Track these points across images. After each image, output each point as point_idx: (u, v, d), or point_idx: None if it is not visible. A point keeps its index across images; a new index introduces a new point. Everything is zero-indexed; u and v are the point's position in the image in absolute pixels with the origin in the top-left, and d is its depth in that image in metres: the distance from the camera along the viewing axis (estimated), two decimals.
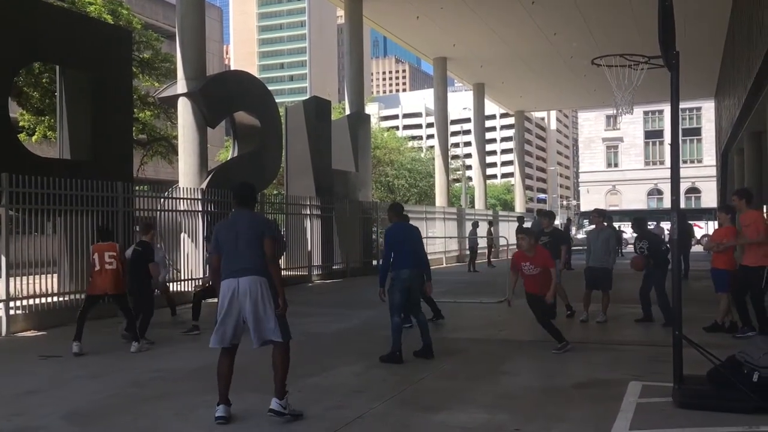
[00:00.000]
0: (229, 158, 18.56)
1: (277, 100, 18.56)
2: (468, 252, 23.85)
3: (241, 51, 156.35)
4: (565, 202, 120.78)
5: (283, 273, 16.89)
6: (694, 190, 62.88)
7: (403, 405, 5.65)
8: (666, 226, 25.30)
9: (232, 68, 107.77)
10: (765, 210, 17.75)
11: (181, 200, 13.69)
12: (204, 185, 14.55)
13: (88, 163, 11.87)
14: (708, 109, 55.64)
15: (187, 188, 14.12)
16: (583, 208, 60.27)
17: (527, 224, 23.20)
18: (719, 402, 5.26)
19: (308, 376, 6.65)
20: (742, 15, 19.88)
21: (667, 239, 14.84)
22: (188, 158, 15.38)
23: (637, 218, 10.47)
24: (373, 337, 8.89)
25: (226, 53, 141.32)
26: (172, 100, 16.08)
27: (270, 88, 18.73)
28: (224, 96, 15.88)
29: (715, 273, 8.98)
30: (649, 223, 15.10)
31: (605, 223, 10.92)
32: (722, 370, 5.43)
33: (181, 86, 15.40)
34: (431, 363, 7.23)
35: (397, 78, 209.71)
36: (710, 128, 53.98)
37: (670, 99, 5.80)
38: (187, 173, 15.29)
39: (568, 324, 10.13)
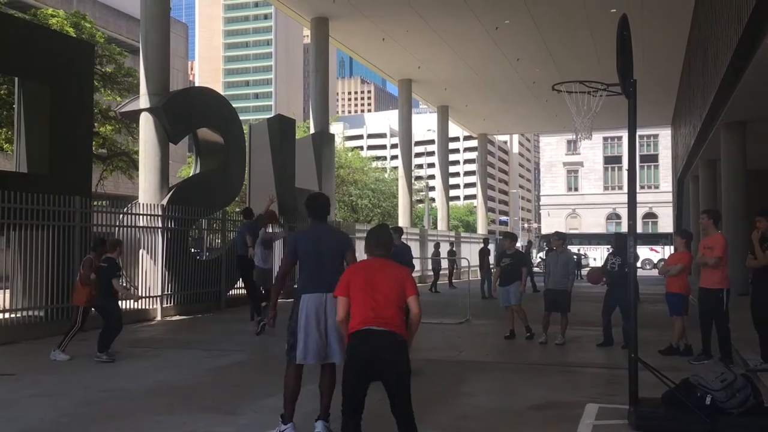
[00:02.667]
0: (191, 175, 18.36)
1: (241, 118, 18.49)
2: (431, 273, 23.89)
3: (206, 67, 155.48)
4: (526, 225, 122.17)
5: (245, 291, 16.79)
6: (651, 215, 64.27)
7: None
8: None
9: (197, 84, 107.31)
10: None
11: (141, 216, 13.50)
12: (165, 201, 14.37)
13: (45, 176, 11.63)
14: (665, 136, 57.18)
15: (147, 204, 13.93)
16: (544, 231, 61.02)
17: (491, 246, 23.35)
18: (673, 425, 5.34)
19: (266, 397, 6.57)
20: (698, 47, 20.52)
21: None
22: (149, 174, 15.19)
23: (619, 234, 10.67)
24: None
25: (191, 69, 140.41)
26: (134, 115, 15.88)
27: (235, 105, 18.65)
28: (188, 112, 15.75)
29: (669, 297, 9.17)
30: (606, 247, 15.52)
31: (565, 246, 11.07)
32: (676, 393, 5.52)
33: (143, 101, 15.23)
34: None
35: (362, 98, 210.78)
36: (667, 155, 55.40)
37: (628, 126, 5.94)
38: (147, 189, 15.08)
39: (527, 346, 10.22)
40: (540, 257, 28.52)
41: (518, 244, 12.02)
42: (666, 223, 57.94)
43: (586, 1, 20.01)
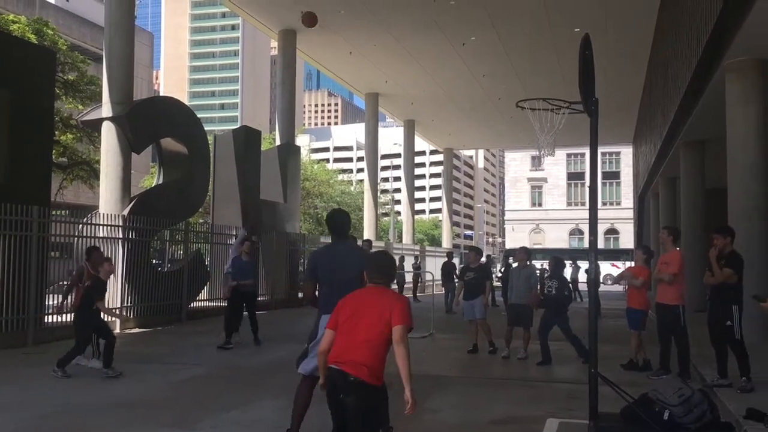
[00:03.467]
0: (153, 185, 18.13)
1: (207, 128, 18.33)
2: (395, 286, 23.87)
3: (171, 77, 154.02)
4: (491, 239, 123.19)
5: (209, 304, 16.60)
6: (612, 231, 65.30)
7: None
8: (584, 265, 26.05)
9: (162, 94, 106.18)
10: None
11: (101, 227, 13.24)
12: (126, 212, 14.14)
13: (2, 185, 11.35)
14: (627, 153, 58.21)
15: (107, 214, 13.68)
16: (508, 246, 61.57)
17: (455, 260, 23.48)
18: None
19: (226, 410, 6.48)
20: (659, 67, 21.01)
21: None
22: (110, 183, 14.94)
23: (556, 257, 10.75)
24: None
25: (156, 79, 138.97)
26: (96, 124, 15.64)
27: (200, 115, 18.50)
28: (151, 122, 15.56)
29: (630, 312, 9.33)
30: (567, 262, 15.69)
31: (528, 261, 11.16)
32: (635, 408, 5.58)
33: (106, 110, 15.01)
34: None
35: (329, 111, 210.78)
36: (629, 172, 56.38)
37: (590, 143, 6.03)
38: (108, 199, 14.83)
39: (489, 360, 10.26)
40: (499, 272, 28.82)
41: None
42: (627, 239, 58.88)
43: (551, 21, 20.37)
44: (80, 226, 13.15)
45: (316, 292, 5.34)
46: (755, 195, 11.21)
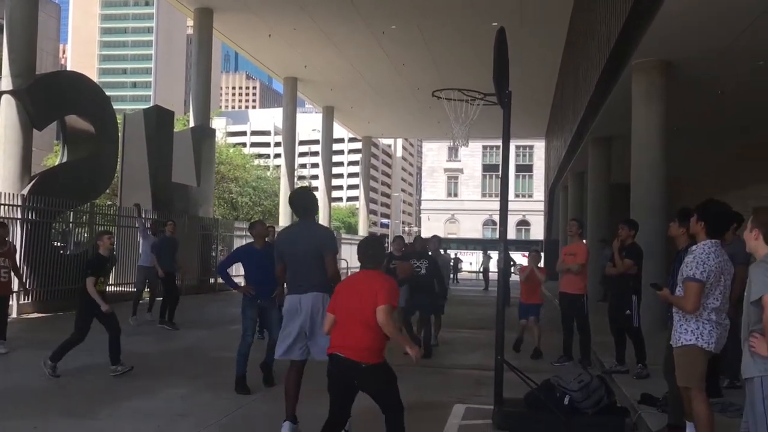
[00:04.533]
0: (57, 164, 17.28)
1: (118, 107, 17.63)
2: None
3: (80, 52, 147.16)
4: (407, 228, 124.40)
5: (113, 289, 15.99)
6: (524, 223, 67.26)
7: (227, 430, 5.45)
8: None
9: (69, 69, 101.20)
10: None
11: None
12: (26, 191, 13.42)
13: None
14: (540, 147, 59.99)
15: (5, 193, 12.93)
16: (423, 235, 62.36)
17: None
18: (534, 423, 5.56)
19: (127, 399, 6.26)
20: (571, 65, 21.69)
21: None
22: (9, 161, 14.13)
23: (419, 237, 10.95)
24: (205, 358, 8.56)
25: (63, 53, 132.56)
26: None
27: (110, 93, 17.77)
28: (55, 97, 14.81)
29: (524, 306, 9.96)
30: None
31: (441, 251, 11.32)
32: (537, 394, 5.75)
33: (5, 83, 14.17)
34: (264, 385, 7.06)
35: (247, 95, 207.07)
36: (541, 166, 58.17)
37: (502, 134, 6.14)
38: (6, 177, 14.02)
39: (400, 347, 10.32)
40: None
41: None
42: (538, 231, 60.78)
43: (470, 14, 20.62)
44: None
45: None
46: (655, 191, 11.74)
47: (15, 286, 10.41)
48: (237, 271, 10.92)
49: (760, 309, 3.31)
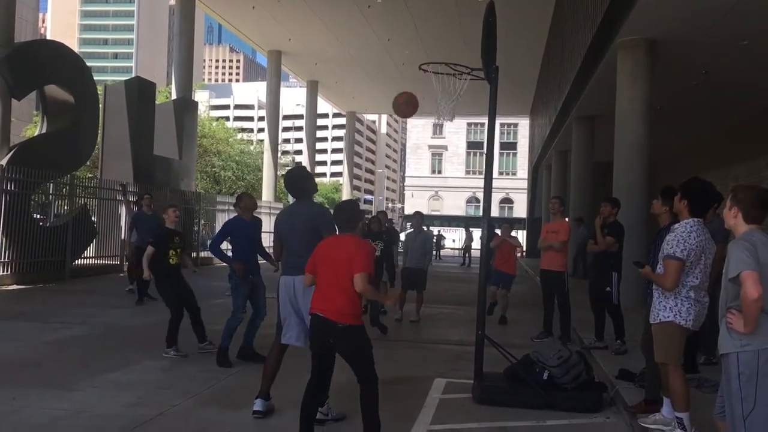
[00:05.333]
0: (36, 134, 17.03)
1: (99, 78, 17.36)
2: None
3: (60, 21, 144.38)
4: (390, 205, 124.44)
5: (93, 261, 15.89)
6: (507, 200, 67.47)
7: (208, 402, 5.45)
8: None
9: (49, 38, 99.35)
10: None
11: None
12: (4, 162, 13.23)
13: None
14: (524, 125, 59.95)
15: None
16: (407, 212, 62.43)
17: None
18: (513, 398, 5.62)
19: (108, 372, 6.24)
20: (556, 44, 21.62)
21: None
22: None
23: (374, 217, 10.80)
24: (186, 332, 8.52)
25: (43, 22, 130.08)
26: None
27: (91, 64, 17.48)
28: (34, 67, 14.54)
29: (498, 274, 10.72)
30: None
31: (423, 227, 11.32)
32: (517, 369, 5.80)
33: None
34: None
35: (230, 67, 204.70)
36: (525, 144, 58.17)
37: (489, 109, 6.11)
38: None
39: (383, 322, 10.37)
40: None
41: None
42: (521, 209, 60.99)
43: None
44: None
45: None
46: (637, 170, 11.81)
47: None
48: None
49: (738, 286, 3.33)
